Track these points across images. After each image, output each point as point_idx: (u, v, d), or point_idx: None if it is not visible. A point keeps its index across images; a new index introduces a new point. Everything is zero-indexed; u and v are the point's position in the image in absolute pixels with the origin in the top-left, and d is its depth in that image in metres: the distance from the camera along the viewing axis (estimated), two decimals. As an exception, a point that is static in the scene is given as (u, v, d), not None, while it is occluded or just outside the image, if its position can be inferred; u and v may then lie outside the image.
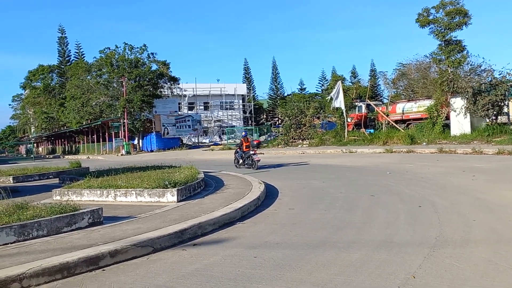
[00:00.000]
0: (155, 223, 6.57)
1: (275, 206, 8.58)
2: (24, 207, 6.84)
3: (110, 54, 44.36)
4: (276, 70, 78.42)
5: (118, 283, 4.40)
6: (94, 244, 5.40)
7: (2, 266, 4.62)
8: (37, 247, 5.45)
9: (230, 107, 67.35)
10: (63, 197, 9.48)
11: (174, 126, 46.03)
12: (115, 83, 45.52)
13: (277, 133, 41.61)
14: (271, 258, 5.07)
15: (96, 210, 6.72)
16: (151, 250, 5.50)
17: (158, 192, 8.72)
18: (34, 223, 5.96)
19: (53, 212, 6.41)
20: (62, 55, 68.46)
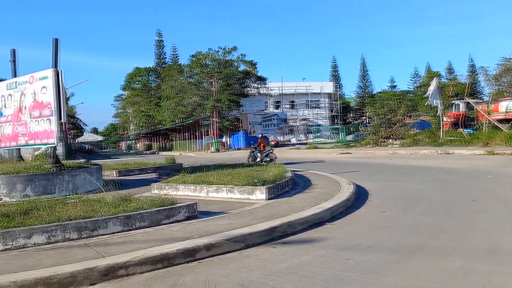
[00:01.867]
0: (246, 219, 6.74)
1: (365, 208, 8.34)
2: (128, 199, 7.42)
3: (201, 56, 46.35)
4: (365, 67, 76.07)
5: (214, 275, 4.59)
6: (190, 237, 5.69)
7: (111, 254, 5.06)
8: (140, 237, 5.88)
9: (316, 105, 66.78)
10: (161, 191, 10.12)
11: (260, 124, 46.88)
12: (205, 83, 47.52)
13: (365, 132, 40.39)
14: (363, 261, 4.94)
15: (191, 204, 7.07)
16: (243, 246, 5.66)
17: (248, 189, 8.93)
18: (137, 214, 6.44)
19: (153, 205, 6.87)
20: (159, 57, 72.96)
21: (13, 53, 12.77)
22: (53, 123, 10.87)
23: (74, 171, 10.99)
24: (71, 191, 10.40)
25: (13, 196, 9.70)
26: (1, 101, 12.56)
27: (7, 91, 12.30)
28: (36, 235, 5.64)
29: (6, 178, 9.84)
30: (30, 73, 11.64)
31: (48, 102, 10.89)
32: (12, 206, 7.21)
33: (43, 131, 11.15)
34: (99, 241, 5.75)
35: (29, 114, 11.50)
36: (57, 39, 11.08)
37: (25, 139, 11.77)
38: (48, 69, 10.97)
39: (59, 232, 5.78)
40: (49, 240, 5.69)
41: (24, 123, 11.73)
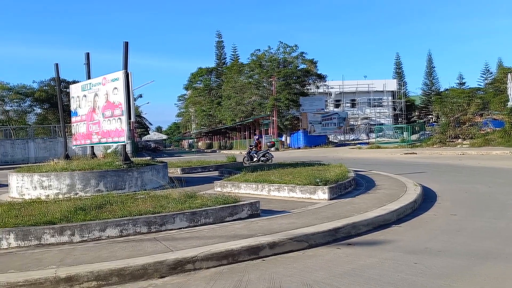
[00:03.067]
0: (308, 219, 6.70)
1: (434, 211, 7.98)
2: (193, 196, 7.64)
3: (261, 56, 46.67)
4: (431, 64, 72.70)
5: (278, 274, 4.61)
6: (254, 234, 5.74)
7: (179, 248, 5.24)
8: (205, 233, 6.04)
9: (379, 104, 64.84)
10: (223, 189, 10.33)
11: (320, 123, 46.36)
12: (265, 82, 47.82)
13: (431, 131, 38.65)
14: (433, 265, 4.73)
15: (254, 203, 7.15)
16: (306, 246, 5.62)
17: (309, 189, 8.86)
18: (202, 211, 6.61)
19: (217, 202, 7.03)
20: (219, 57, 74.45)
21: (87, 56, 13.59)
22: (123, 122, 11.45)
23: (142, 168, 11.49)
24: (139, 187, 10.90)
25: (87, 191, 10.34)
26: (76, 101, 13.43)
27: (82, 92, 13.12)
28: (109, 228, 5.97)
29: (81, 174, 10.50)
30: (103, 75, 12.33)
31: (119, 102, 11.49)
32: (87, 200, 7.68)
33: (114, 130, 11.77)
34: (167, 235, 5.98)
35: (101, 113, 12.20)
36: (127, 43, 11.65)
37: (98, 137, 12.49)
38: (119, 71, 11.57)
39: (131, 226, 6.07)
40: (121, 233, 6.00)
41: (97, 122, 12.45)
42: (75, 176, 10.42)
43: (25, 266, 4.76)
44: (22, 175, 10.84)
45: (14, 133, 39.28)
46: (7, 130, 39.71)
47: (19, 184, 10.86)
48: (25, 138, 37.76)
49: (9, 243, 5.65)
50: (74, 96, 13.62)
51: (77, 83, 13.99)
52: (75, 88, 13.71)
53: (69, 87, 14.71)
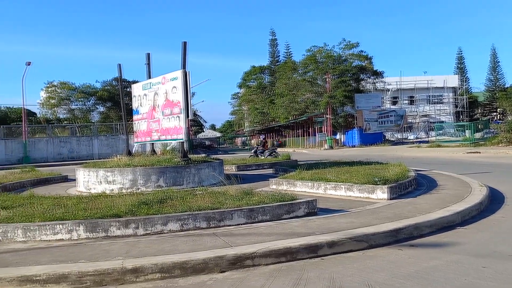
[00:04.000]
0: (368, 219, 6.55)
1: (502, 213, 7.53)
2: (250, 193, 7.71)
3: (318, 51, 46.17)
4: (496, 59, 68.58)
5: (338, 273, 4.54)
6: (312, 233, 5.70)
7: (237, 244, 5.31)
8: (262, 230, 6.08)
9: (439, 101, 62.10)
10: (279, 186, 10.34)
11: (376, 121, 45.20)
12: (319, 80, 47.30)
13: (496, 129, 36.47)
14: (504, 270, 4.47)
15: (311, 201, 7.10)
16: (366, 246, 5.50)
17: (368, 188, 8.66)
18: (259, 208, 6.66)
19: (274, 199, 7.04)
20: (272, 55, 74.58)
21: (148, 56, 14.10)
22: (182, 120, 11.78)
23: (199, 165, 11.77)
24: (196, 184, 11.17)
25: (148, 186, 10.74)
26: (138, 100, 13.98)
27: (143, 91, 13.64)
28: (171, 222, 6.17)
29: (142, 170, 10.93)
30: (162, 75, 12.75)
31: (177, 100, 11.83)
32: (149, 195, 7.98)
33: (173, 127, 12.14)
34: (226, 231, 6.08)
35: (161, 112, 12.62)
36: (185, 42, 11.96)
37: (158, 134, 12.94)
38: (177, 70, 11.91)
39: (191, 221, 6.24)
40: (182, 227, 6.18)
41: (157, 120, 12.90)
42: (137, 172, 10.86)
43: (94, 257, 5.02)
44: (88, 171, 11.46)
45: (79, 130, 41.59)
46: (73, 128, 42.11)
47: (85, 179, 11.49)
48: (89, 135, 39.87)
49: (79, 234, 5.99)
50: (135, 95, 14.19)
51: (138, 83, 14.56)
52: (136, 88, 14.28)
53: (131, 86, 15.37)
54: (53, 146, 37.00)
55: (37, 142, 36.65)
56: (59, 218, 6.25)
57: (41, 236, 5.97)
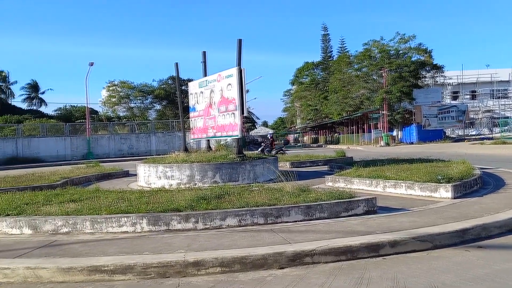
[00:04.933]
0: (431, 218, 6.29)
1: None
2: (307, 190, 7.66)
3: (373, 45, 44.94)
4: None
5: (402, 273, 4.39)
6: (372, 231, 5.55)
7: (296, 241, 5.28)
8: (320, 227, 6.00)
9: (503, 95, 58.38)
10: (335, 183, 10.18)
11: (436, 117, 43.34)
12: (374, 75, 46.03)
13: None
14: None
15: (371, 199, 6.92)
16: (430, 246, 5.28)
17: (430, 186, 8.31)
18: (317, 205, 6.58)
19: (331, 197, 6.94)
20: (325, 51, 73.47)
21: (204, 55, 14.36)
22: (237, 117, 11.89)
23: (254, 161, 11.84)
24: (251, 180, 11.24)
25: (205, 182, 10.95)
26: (194, 98, 14.29)
27: (199, 89, 13.92)
28: (229, 218, 6.24)
29: (199, 166, 11.16)
30: (217, 72, 12.94)
31: (232, 97, 11.95)
32: (206, 190, 8.13)
33: (228, 124, 12.30)
34: (283, 227, 6.06)
35: (217, 109, 12.82)
36: (240, 40, 12.05)
37: (213, 131, 13.16)
38: (232, 68, 12.03)
39: (248, 216, 6.28)
40: (240, 223, 6.24)
41: (213, 117, 13.12)
42: (194, 168, 11.11)
43: (157, 249, 5.19)
44: (148, 166, 11.88)
45: (138, 128, 43.23)
46: (132, 125, 43.84)
47: (146, 174, 11.91)
48: (147, 132, 41.32)
49: (142, 227, 6.22)
50: (192, 93, 14.52)
51: (195, 81, 14.87)
52: (193, 85, 14.60)
53: (187, 84, 15.73)
54: (114, 143, 38.74)
55: (100, 139, 38.53)
56: (123, 211, 6.53)
57: (107, 228, 6.26)
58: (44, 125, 38.69)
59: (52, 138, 36.36)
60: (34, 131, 37.76)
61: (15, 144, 34.15)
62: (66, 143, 36.55)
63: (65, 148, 36.33)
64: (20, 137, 34.91)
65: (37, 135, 36.72)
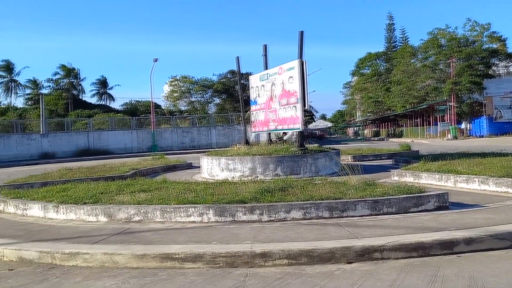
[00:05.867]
0: (509, 215, 5.91)
1: None
2: (372, 184, 7.47)
3: (440, 34, 42.78)
4: None
5: (479, 273, 4.16)
6: (445, 228, 5.31)
7: (363, 236, 5.16)
8: (389, 222, 5.83)
9: None
10: (401, 178, 9.84)
11: (509, 109, 40.60)
12: (441, 64, 43.84)
13: None
14: None
15: (442, 194, 6.62)
16: (509, 245, 4.95)
17: (507, 181, 7.81)
18: (384, 200, 6.40)
19: (400, 191, 6.71)
20: (389, 41, 70.97)
21: (264, 48, 14.40)
22: (298, 110, 11.83)
23: (316, 154, 11.73)
24: (313, 173, 11.16)
25: (266, 174, 11.02)
26: (256, 91, 14.39)
27: (260, 82, 13.99)
28: (294, 210, 6.24)
29: (261, 159, 11.25)
30: (278, 65, 12.93)
31: (294, 90, 11.90)
32: (270, 183, 8.17)
33: (289, 117, 12.27)
34: (349, 222, 5.96)
35: (278, 102, 12.82)
36: (302, 32, 11.95)
37: (275, 124, 13.20)
38: (294, 60, 11.97)
39: (313, 210, 6.24)
40: (305, 216, 6.22)
41: (274, 110, 13.15)
42: (256, 161, 11.21)
43: (225, 239, 5.30)
44: (211, 159, 12.16)
45: (198, 121, 44.36)
46: (193, 119, 45.04)
47: (209, 166, 12.20)
48: (208, 125, 42.29)
49: (209, 217, 6.38)
50: (253, 86, 14.63)
51: (256, 74, 14.96)
52: (254, 79, 14.71)
53: (249, 78, 15.86)
54: (176, 136, 40.04)
55: (163, 132, 39.98)
56: (191, 202, 6.73)
57: (176, 218, 6.49)
58: (112, 119, 40.83)
59: (120, 131, 38.25)
60: (103, 125, 39.94)
61: (87, 137, 36.30)
62: (132, 136, 38.29)
63: (132, 141, 38.07)
64: (91, 131, 37.06)
65: (106, 128, 38.80)
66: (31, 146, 33.13)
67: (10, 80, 59.66)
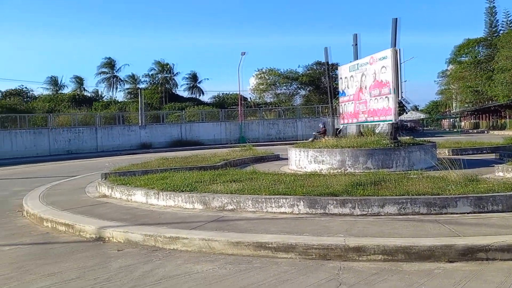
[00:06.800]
0: None
1: None
2: (475, 180, 6.96)
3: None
4: None
5: None
6: None
7: (466, 234, 4.85)
8: (494, 221, 5.41)
9: None
10: (507, 173, 9.03)
11: None
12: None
13: None
14: None
15: (559, 193, 5.96)
16: None
17: None
18: (489, 197, 5.94)
19: (507, 188, 6.19)
20: (490, 26, 64.98)
21: (355, 37, 13.99)
22: (391, 101, 11.36)
23: (409, 147, 11.19)
24: (407, 167, 10.66)
25: (356, 167, 10.77)
26: (344, 82, 14.08)
27: (350, 73, 13.66)
28: (388, 205, 6.04)
29: (350, 151, 11.00)
30: (370, 55, 12.50)
31: (387, 81, 11.44)
32: (361, 176, 7.99)
33: (381, 109, 11.83)
34: (449, 219, 5.62)
35: (369, 93, 12.43)
36: (396, 19, 11.43)
37: (365, 116, 12.81)
38: (387, 49, 11.49)
39: (409, 205, 5.98)
40: (400, 211, 5.98)
41: (364, 102, 12.77)
42: (345, 153, 11.00)
43: (317, 231, 5.29)
44: (299, 150, 12.16)
45: (284, 113, 44.59)
46: (279, 111, 45.39)
47: (297, 158, 12.23)
48: (293, 117, 42.36)
49: (299, 209, 6.41)
50: (342, 77, 14.33)
51: (345, 65, 14.62)
52: (343, 70, 14.39)
53: (338, 68, 15.56)
54: (263, 128, 40.68)
55: (250, 124, 40.86)
56: (281, 193, 6.81)
57: (267, 208, 6.62)
58: (202, 112, 42.62)
59: (210, 123, 39.81)
60: (194, 117, 41.84)
61: (179, 128, 38.30)
62: (221, 128, 39.65)
63: (220, 132, 39.44)
64: (183, 123, 39.04)
65: (196, 120, 40.61)
66: (131, 137, 35.77)
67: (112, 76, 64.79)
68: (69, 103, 54.14)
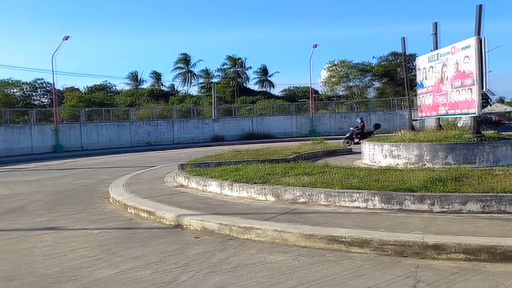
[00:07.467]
0: None
1: None
2: None
3: None
4: None
5: None
6: None
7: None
8: None
9: None
10: None
11: None
12: None
13: None
14: None
15: None
16: None
17: None
18: None
19: None
20: None
21: (435, 26, 13.29)
22: (474, 93, 10.68)
23: (495, 142, 10.45)
24: (491, 163, 9.99)
25: (435, 162, 10.27)
26: (423, 73, 13.44)
27: (429, 64, 13.00)
28: (470, 202, 5.72)
29: (429, 146, 10.51)
30: (451, 44, 11.81)
31: (470, 71, 10.76)
32: (440, 172, 7.63)
33: (463, 101, 11.16)
34: (540, 220, 5.21)
35: (450, 84, 11.76)
36: (481, 6, 10.68)
37: (445, 108, 12.16)
38: (470, 38, 10.79)
39: (494, 203, 5.64)
40: (484, 209, 5.66)
41: (444, 93, 12.11)
42: (423, 147, 10.53)
43: (392, 227, 5.16)
44: (373, 144, 11.85)
45: (357, 106, 43.53)
46: (351, 104, 44.40)
47: (371, 152, 11.92)
48: (367, 110, 41.22)
49: (374, 204, 6.28)
50: (420, 68, 13.69)
51: (423, 55, 13.94)
52: (421, 60, 13.74)
53: (416, 59, 14.89)
54: (334, 121, 40.06)
55: (321, 117, 40.41)
56: (354, 187, 6.72)
57: (340, 202, 6.56)
58: (273, 105, 42.87)
59: (280, 116, 39.95)
60: (264, 111, 42.23)
61: (251, 121, 38.88)
62: (292, 121, 39.63)
63: (291, 126, 39.44)
64: (254, 116, 39.56)
65: (267, 114, 40.94)
66: (205, 129, 36.97)
67: (187, 71, 67.21)
68: (147, 97, 57.12)
